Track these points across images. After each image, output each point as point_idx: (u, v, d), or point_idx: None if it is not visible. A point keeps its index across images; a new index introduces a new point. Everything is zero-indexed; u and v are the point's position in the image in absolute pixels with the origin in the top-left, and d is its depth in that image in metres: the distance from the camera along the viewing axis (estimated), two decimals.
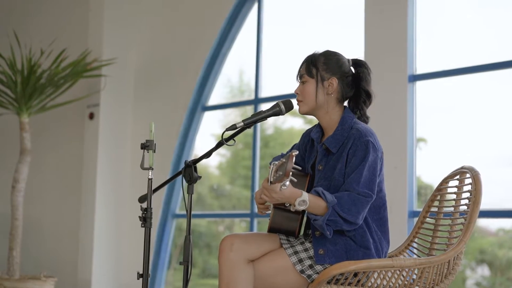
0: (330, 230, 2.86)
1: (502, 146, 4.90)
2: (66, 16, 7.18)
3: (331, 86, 3.05)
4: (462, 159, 4.94)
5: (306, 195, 2.83)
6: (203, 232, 7.00)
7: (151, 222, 3.14)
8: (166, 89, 6.53)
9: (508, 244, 5.42)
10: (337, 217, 2.84)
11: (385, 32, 5.11)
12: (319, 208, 2.86)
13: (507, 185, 4.79)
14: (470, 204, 3.07)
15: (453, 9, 5.15)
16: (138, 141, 6.58)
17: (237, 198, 6.90)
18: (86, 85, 6.57)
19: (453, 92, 5.07)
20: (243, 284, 2.91)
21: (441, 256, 2.95)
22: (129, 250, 6.51)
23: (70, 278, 6.47)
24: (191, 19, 6.49)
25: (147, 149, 3.15)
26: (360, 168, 2.89)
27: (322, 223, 2.84)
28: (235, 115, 6.80)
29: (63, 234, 6.79)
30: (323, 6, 5.97)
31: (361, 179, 2.88)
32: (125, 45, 6.69)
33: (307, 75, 3.06)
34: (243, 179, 6.86)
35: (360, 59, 3.16)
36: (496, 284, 5.37)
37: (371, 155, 2.91)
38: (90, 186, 6.46)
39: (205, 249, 6.81)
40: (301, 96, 3.08)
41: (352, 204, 2.85)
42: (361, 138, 2.94)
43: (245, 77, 6.65)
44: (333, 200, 2.84)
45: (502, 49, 4.81)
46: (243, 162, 6.83)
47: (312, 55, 3.10)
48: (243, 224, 7.02)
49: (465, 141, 5.08)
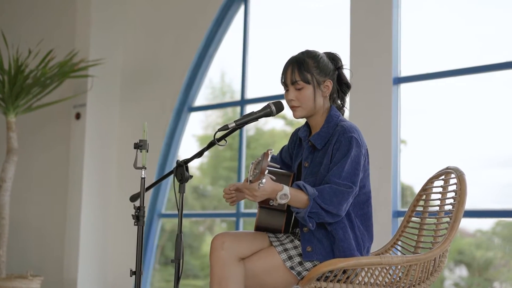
0: (313, 222, 2.94)
1: (481, 148, 4.99)
2: (53, 17, 7.20)
3: (327, 89, 3.12)
4: (442, 160, 5.03)
5: (287, 188, 2.90)
6: (184, 233, 7.00)
7: (144, 220, 3.20)
8: (152, 90, 6.57)
9: (485, 245, 5.49)
10: (319, 209, 2.91)
11: (370, 34, 5.18)
12: (301, 201, 2.93)
13: (485, 186, 4.89)
14: (455, 204, 3.16)
15: (437, 13, 5.23)
16: (125, 141, 6.63)
17: (218, 199, 6.93)
18: (72, 85, 6.60)
19: (436, 94, 5.15)
20: (235, 282, 2.97)
21: (428, 254, 3.03)
22: (115, 249, 6.55)
23: (56, 277, 6.50)
24: (178, 21, 6.52)
25: (140, 149, 3.20)
26: (342, 162, 2.97)
27: (304, 215, 2.92)
28: (216, 116, 6.85)
29: (49, 234, 6.82)
30: (308, 9, 6.03)
31: (342, 173, 2.95)
32: (112, 46, 6.72)
33: (303, 82, 3.08)
34: (224, 180, 6.89)
35: (333, 52, 3.22)
36: (474, 284, 5.44)
37: (354, 150, 2.99)
38: (77, 185, 6.49)
39: (186, 250, 6.81)
40: (298, 102, 3.10)
41: (333, 195, 2.91)
42: (345, 134, 3.01)
43: (227, 78, 6.70)
44: (314, 193, 2.91)
45: (485, 53, 4.90)
46: (224, 163, 6.86)
47: (298, 59, 3.12)
48: (223, 224, 7.07)
49: (445, 143, 5.17)
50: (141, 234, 3.19)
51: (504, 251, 5.33)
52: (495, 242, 5.46)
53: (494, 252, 5.43)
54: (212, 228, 7.13)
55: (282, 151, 3.38)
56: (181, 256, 3.11)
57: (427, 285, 3.12)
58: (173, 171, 3.24)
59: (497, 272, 5.41)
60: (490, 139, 4.97)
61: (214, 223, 7.13)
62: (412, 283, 3.08)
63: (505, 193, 4.81)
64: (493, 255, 5.44)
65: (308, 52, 3.15)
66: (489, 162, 4.98)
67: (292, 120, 6.50)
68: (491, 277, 5.44)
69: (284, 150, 3.37)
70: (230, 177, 6.87)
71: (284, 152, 3.36)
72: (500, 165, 4.96)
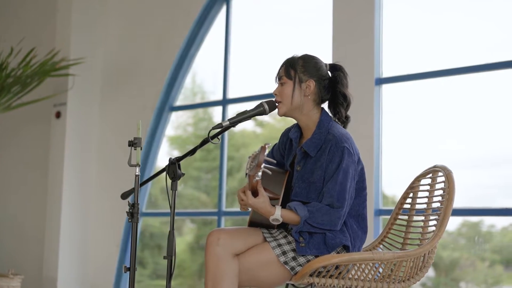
0: (306, 236, 3.05)
1: (461, 149, 5.09)
2: (34, 16, 7.18)
3: (308, 88, 3.19)
4: (423, 161, 5.12)
5: (279, 213, 3.04)
6: (154, 233, 6.99)
7: (138, 217, 3.22)
8: (133, 89, 6.58)
9: (451, 246, 5.58)
10: (311, 228, 3.04)
11: (352, 35, 5.25)
12: (293, 221, 3.07)
13: (462, 187, 4.98)
14: (444, 201, 3.23)
15: (419, 15, 5.31)
16: (105, 140, 6.64)
17: (188, 200, 6.95)
18: (52, 84, 6.58)
19: (418, 95, 5.23)
20: (229, 278, 3.02)
21: (418, 249, 3.11)
22: (95, 248, 6.55)
23: (36, 276, 6.48)
24: (160, 20, 6.54)
25: (135, 147, 3.23)
26: (335, 176, 3.06)
27: (296, 231, 3.05)
28: (187, 116, 6.86)
29: (29, 232, 6.80)
30: (291, 9, 6.08)
31: (336, 188, 3.04)
32: (93, 45, 6.72)
33: (286, 77, 3.19)
34: (194, 180, 6.90)
35: (337, 64, 3.32)
36: (441, 284, 5.52)
37: (345, 160, 3.08)
38: (57, 184, 6.48)
39: (156, 250, 6.81)
40: (280, 97, 3.21)
41: (325, 214, 3.03)
42: (337, 145, 3.10)
43: (198, 79, 6.72)
44: (306, 215, 3.03)
45: (465, 54, 4.99)
46: (194, 164, 6.87)
47: (291, 58, 3.24)
48: (191, 225, 7.10)
49: (424, 143, 5.26)
50: (135, 231, 3.21)
51: (469, 252, 5.44)
52: (460, 242, 5.56)
53: (460, 252, 5.52)
54: (181, 228, 7.14)
55: (273, 151, 3.43)
56: (173, 252, 3.14)
57: (416, 280, 3.20)
58: (165, 169, 3.27)
59: (463, 272, 5.51)
60: (469, 140, 5.08)
61: (183, 223, 7.15)
62: (402, 279, 3.15)
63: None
64: (459, 255, 5.53)
65: (304, 54, 3.26)
66: (461, 163, 5.07)
67: (262, 121, 6.56)
68: (457, 277, 5.52)
69: (275, 150, 3.42)
70: (201, 177, 6.90)
71: (276, 151, 3.42)
72: (472, 167, 5.05)
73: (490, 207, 4.84)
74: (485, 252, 5.37)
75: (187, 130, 6.84)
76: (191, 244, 7.26)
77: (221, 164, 6.03)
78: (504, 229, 5.26)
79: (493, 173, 5.01)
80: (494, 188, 4.99)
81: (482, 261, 5.39)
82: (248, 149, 6.69)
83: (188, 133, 6.88)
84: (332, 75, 3.28)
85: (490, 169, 5.03)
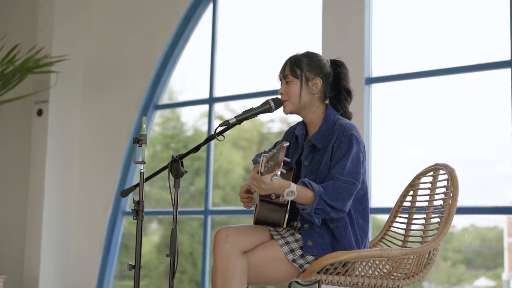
0: (319, 218, 3.02)
1: (450, 148, 5.14)
2: (15, 12, 7.08)
3: (316, 86, 3.21)
4: (412, 160, 5.17)
5: (294, 185, 2.98)
6: (123, 234, 6.92)
7: (143, 215, 3.20)
8: (117, 87, 6.52)
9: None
10: (325, 205, 2.99)
11: (342, 34, 5.27)
12: (306, 198, 3.00)
13: None
14: (447, 199, 3.26)
15: (409, 14, 5.35)
16: (87, 138, 6.58)
17: (155, 200, 6.93)
18: (33, 81, 6.51)
19: (406, 95, 5.28)
20: (239, 274, 3.02)
21: (424, 246, 3.14)
22: (77, 248, 6.49)
23: (18, 276, 6.40)
24: (146, 18, 6.50)
25: (140, 144, 3.21)
26: (344, 160, 3.06)
27: (311, 211, 2.99)
28: (157, 116, 6.82)
29: (10, 232, 6.70)
30: (279, 8, 6.08)
31: (344, 170, 3.04)
32: (75, 42, 6.65)
33: (292, 76, 3.20)
34: (162, 180, 6.87)
35: (338, 60, 3.34)
36: None
37: (354, 147, 3.09)
38: (38, 182, 6.40)
39: (123, 250, 6.74)
40: (286, 95, 3.22)
41: (337, 192, 3.00)
42: (345, 132, 3.10)
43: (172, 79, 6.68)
44: (320, 189, 2.99)
45: (455, 54, 5.05)
46: (162, 164, 6.83)
47: (294, 56, 3.25)
48: (153, 225, 7.09)
49: (412, 143, 5.31)
50: (140, 228, 3.19)
51: None
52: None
53: None
54: (147, 229, 7.11)
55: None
56: (176, 250, 3.13)
57: (420, 277, 3.23)
58: (168, 166, 3.26)
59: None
60: (458, 139, 5.13)
61: (149, 224, 7.13)
62: (407, 275, 3.18)
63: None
64: None
65: (307, 52, 3.28)
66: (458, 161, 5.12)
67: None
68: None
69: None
70: (168, 178, 6.84)
71: None
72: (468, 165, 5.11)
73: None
74: (447, 252, 5.45)
75: (155, 130, 6.79)
76: (158, 244, 7.24)
77: (207, 163, 6.02)
78: (465, 229, 5.34)
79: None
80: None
81: (445, 261, 5.47)
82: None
83: (155, 133, 6.83)
84: (335, 71, 3.29)
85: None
